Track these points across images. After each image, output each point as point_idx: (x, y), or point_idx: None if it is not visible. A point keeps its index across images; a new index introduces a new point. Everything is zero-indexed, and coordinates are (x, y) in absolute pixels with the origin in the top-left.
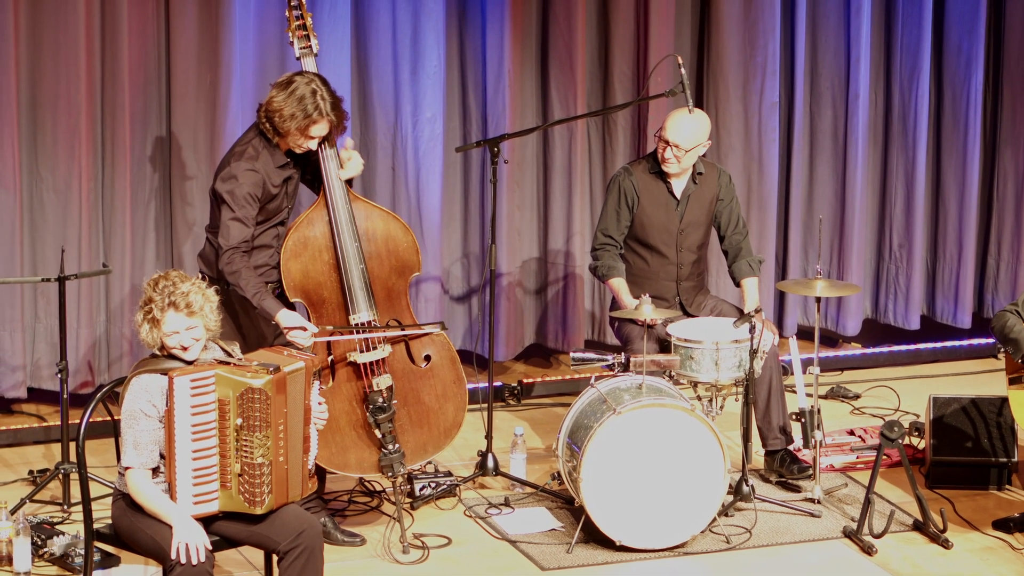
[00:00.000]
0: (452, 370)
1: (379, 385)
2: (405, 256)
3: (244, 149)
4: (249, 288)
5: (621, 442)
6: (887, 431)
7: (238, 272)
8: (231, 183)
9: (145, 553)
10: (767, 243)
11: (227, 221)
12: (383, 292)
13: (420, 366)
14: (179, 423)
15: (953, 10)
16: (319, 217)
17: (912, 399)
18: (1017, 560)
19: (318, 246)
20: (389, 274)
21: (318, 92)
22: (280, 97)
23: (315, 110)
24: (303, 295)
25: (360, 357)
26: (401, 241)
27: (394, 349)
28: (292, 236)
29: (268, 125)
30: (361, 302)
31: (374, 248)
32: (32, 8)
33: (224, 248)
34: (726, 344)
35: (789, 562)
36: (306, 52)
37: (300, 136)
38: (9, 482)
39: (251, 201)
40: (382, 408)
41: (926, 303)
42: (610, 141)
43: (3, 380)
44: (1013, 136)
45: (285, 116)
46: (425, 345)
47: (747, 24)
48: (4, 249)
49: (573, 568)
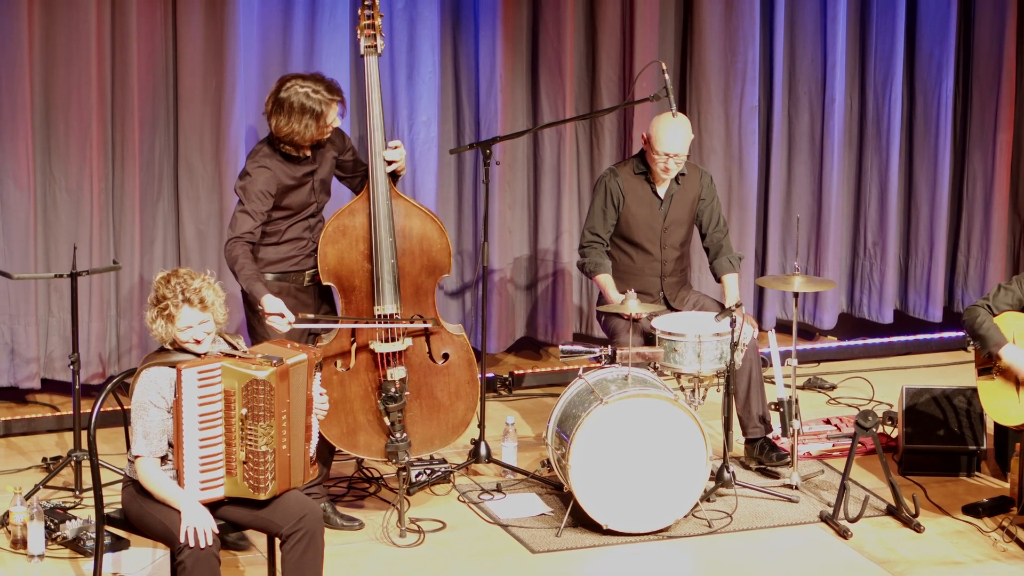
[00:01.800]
0: (468, 371)
1: (393, 376)
2: (437, 257)
3: (260, 148)
4: (243, 273)
5: (608, 431)
6: (862, 420)
7: (236, 259)
8: (245, 180)
9: (154, 537)
10: (747, 241)
11: (237, 212)
12: (411, 288)
13: (438, 363)
14: (187, 413)
15: (925, 19)
16: (360, 208)
17: (885, 390)
18: (986, 543)
19: (355, 236)
20: (420, 272)
21: (307, 90)
22: (284, 121)
23: (319, 104)
24: (335, 280)
25: (379, 347)
26: (436, 242)
27: (415, 343)
28: (333, 223)
29: (289, 148)
30: (387, 295)
31: (408, 245)
32: (45, 17)
33: (229, 236)
34: (708, 337)
35: (768, 545)
36: (371, 51)
37: (320, 133)
38: (23, 469)
39: (262, 197)
40: (393, 398)
41: (899, 298)
42: (597, 143)
43: (18, 371)
44: (982, 139)
45: (300, 131)
46: (446, 343)
47: (728, 32)
48: (19, 246)
49: (562, 551)
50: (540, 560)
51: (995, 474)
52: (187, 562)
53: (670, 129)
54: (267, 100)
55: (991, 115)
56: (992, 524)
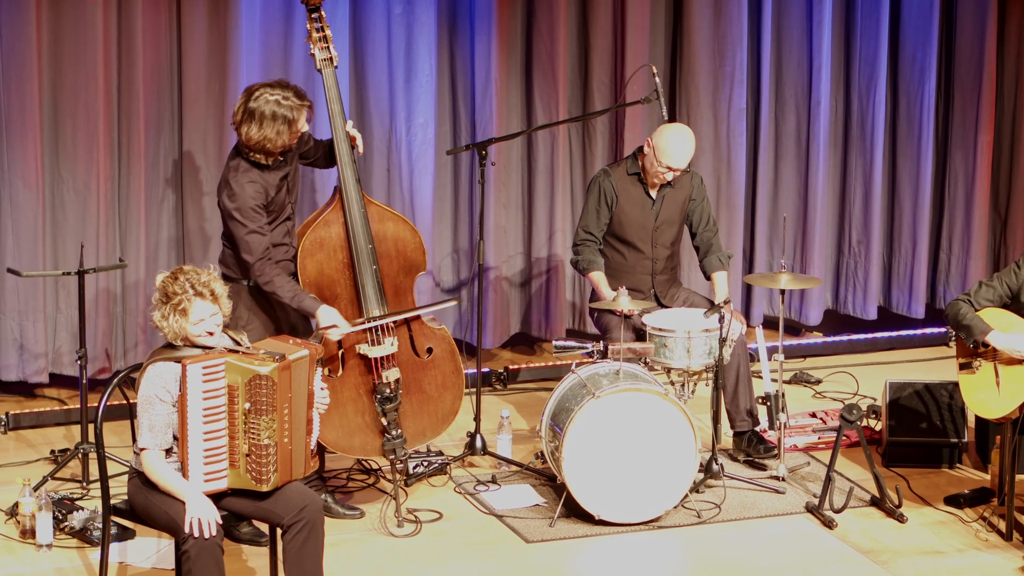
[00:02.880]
0: (451, 361)
1: (388, 378)
2: (413, 256)
3: (238, 163)
4: (285, 293)
5: (600, 424)
6: (846, 414)
7: (271, 281)
8: (237, 200)
9: (159, 527)
10: (735, 239)
11: (244, 237)
12: (392, 289)
13: (423, 357)
14: (191, 407)
15: (908, 23)
16: (335, 219)
17: (870, 384)
18: (967, 533)
19: (333, 246)
20: (398, 273)
21: (277, 97)
22: (255, 129)
23: (291, 111)
24: (317, 291)
25: (371, 351)
26: (409, 242)
27: (400, 342)
28: (309, 236)
29: (259, 156)
30: (372, 299)
31: (384, 248)
32: (53, 22)
33: (251, 262)
34: (697, 333)
35: (755, 535)
36: (327, 63)
37: (291, 139)
38: (32, 461)
39: (259, 211)
40: (389, 399)
41: (883, 295)
42: (589, 145)
43: (27, 366)
44: (963, 140)
45: (271, 138)
46: (428, 338)
47: (717, 36)
48: (28, 245)
49: (555, 541)
50: (534, 549)
51: (976, 466)
52: (191, 551)
53: (677, 145)
54: (235, 111)
55: (972, 117)
56: (973, 515)
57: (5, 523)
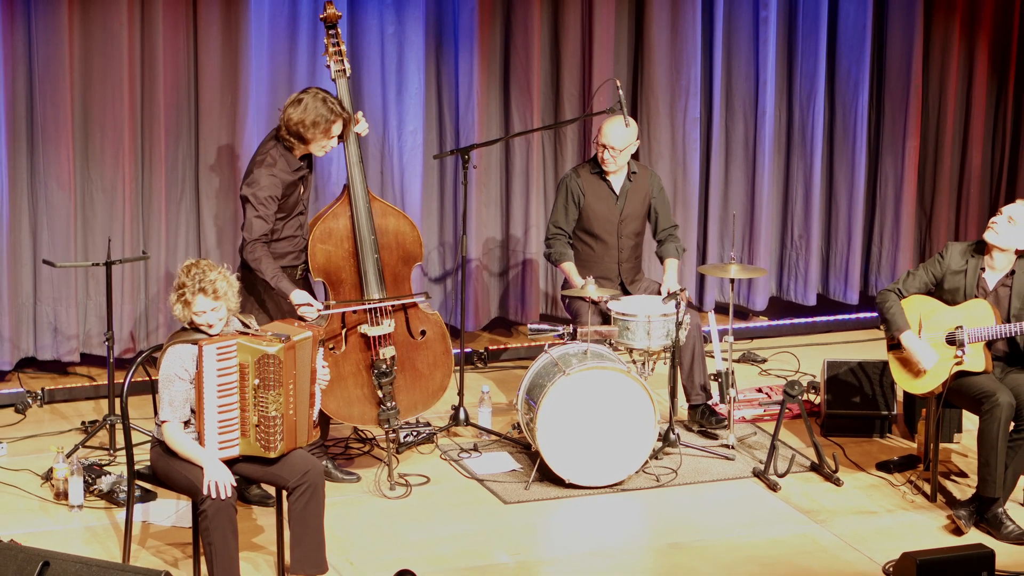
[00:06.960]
0: (442, 343)
1: (384, 355)
2: (411, 248)
3: (264, 158)
4: (268, 272)
5: (570, 398)
6: (789, 389)
7: (259, 259)
8: (255, 187)
9: (179, 490)
10: (689, 234)
11: (251, 218)
12: (391, 277)
13: (417, 339)
14: (207, 383)
15: (844, 42)
16: (343, 212)
17: (810, 363)
18: (896, 495)
19: (340, 236)
20: (397, 262)
21: (327, 99)
22: (298, 113)
23: (331, 112)
24: (324, 276)
25: (370, 331)
26: (408, 235)
27: (397, 324)
28: (319, 226)
29: (293, 139)
30: (373, 285)
31: (385, 240)
32: (84, 42)
33: (248, 240)
34: (656, 318)
35: (708, 497)
36: (340, 74)
37: (324, 138)
38: (65, 431)
39: (271, 201)
40: (385, 373)
41: (821, 283)
42: (560, 150)
43: (60, 347)
44: (892, 146)
45: (308, 125)
46: (422, 322)
47: (674, 53)
48: (61, 239)
49: (530, 502)
50: (511, 510)
51: (904, 436)
52: (209, 511)
53: (610, 126)
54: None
55: (900, 125)
56: (902, 479)
57: (41, 486)
